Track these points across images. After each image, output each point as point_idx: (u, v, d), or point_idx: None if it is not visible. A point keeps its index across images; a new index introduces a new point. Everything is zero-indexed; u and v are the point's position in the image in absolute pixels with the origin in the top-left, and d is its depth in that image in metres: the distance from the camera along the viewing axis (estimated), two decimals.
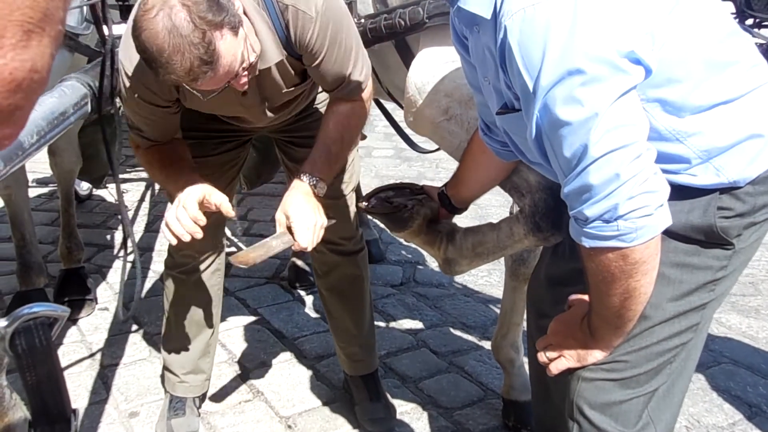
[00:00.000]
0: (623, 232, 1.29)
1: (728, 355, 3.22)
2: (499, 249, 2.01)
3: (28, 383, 1.06)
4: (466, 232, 2.03)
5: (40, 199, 5.12)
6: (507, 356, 2.79)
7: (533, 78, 1.28)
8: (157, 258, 4.22)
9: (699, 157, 1.38)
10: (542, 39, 1.25)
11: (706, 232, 1.44)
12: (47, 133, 1.49)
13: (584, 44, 1.23)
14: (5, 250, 3.82)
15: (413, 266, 4.15)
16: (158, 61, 1.73)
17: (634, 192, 1.26)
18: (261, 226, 4.74)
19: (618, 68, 1.24)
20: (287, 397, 2.97)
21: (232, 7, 1.80)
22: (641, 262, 1.33)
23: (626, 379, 1.53)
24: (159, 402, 2.88)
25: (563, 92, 1.25)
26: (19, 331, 1.04)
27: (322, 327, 3.48)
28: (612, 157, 1.25)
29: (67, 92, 1.72)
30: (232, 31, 1.77)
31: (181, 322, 2.70)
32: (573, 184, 1.31)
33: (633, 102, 1.27)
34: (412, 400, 2.94)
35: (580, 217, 1.33)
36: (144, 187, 5.39)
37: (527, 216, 1.89)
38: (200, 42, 1.70)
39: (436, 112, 2.17)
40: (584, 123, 1.25)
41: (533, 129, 1.34)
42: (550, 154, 1.36)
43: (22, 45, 0.55)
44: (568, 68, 1.24)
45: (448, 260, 2.05)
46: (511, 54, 1.30)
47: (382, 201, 2.03)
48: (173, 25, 1.68)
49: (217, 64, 1.76)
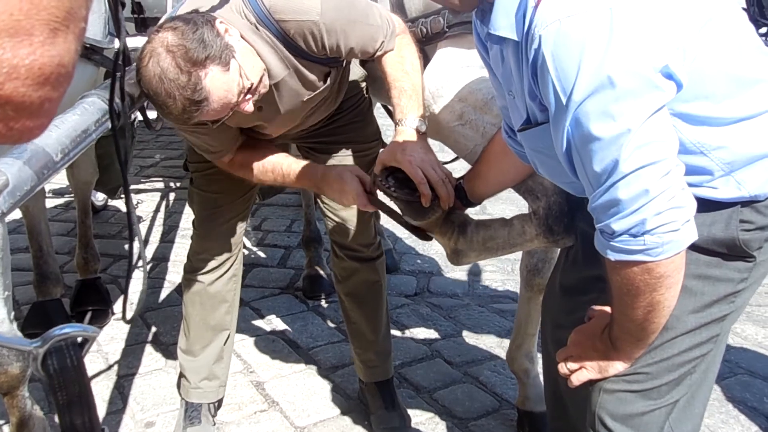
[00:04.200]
0: (650, 246, 1.29)
1: (744, 366, 3.20)
2: (508, 246, 2.02)
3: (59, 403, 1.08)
4: (477, 225, 2.04)
5: (57, 210, 5.16)
6: (522, 367, 2.79)
7: (566, 90, 1.27)
8: (173, 268, 4.25)
9: (722, 170, 1.39)
10: (578, 52, 1.25)
11: (728, 245, 1.45)
12: (71, 150, 1.51)
13: (620, 58, 1.23)
14: (22, 261, 3.85)
15: (427, 276, 4.16)
16: (156, 104, 1.85)
17: (662, 207, 1.27)
18: (275, 236, 4.77)
19: (653, 84, 1.24)
20: (302, 407, 2.98)
21: (220, 40, 1.84)
22: (666, 276, 1.33)
23: (648, 390, 1.54)
24: (175, 412, 2.90)
25: (596, 106, 1.25)
26: (50, 351, 1.06)
27: (336, 337, 3.50)
28: (642, 173, 1.26)
29: (89, 109, 1.75)
30: (221, 66, 1.82)
31: (196, 327, 2.74)
32: (602, 198, 1.32)
33: (664, 118, 1.28)
34: (427, 411, 2.94)
35: (607, 230, 1.34)
36: (159, 198, 5.42)
37: (540, 218, 1.91)
38: (187, 84, 1.78)
39: (451, 117, 2.17)
40: (616, 139, 1.25)
41: (563, 142, 1.34)
42: (578, 168, 1.36)
43: (50, 42, 0.59)
44: (603, 81, 1.23)
45: (456, 251, 2.05)
46: (544, 65, 1.29)
47: (401, 184, 1.99)
48: (161, 70, 1.78)
49: (208, 102, 1.82)
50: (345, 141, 2.48)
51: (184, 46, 1.78)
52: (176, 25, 1.83)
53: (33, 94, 0.60)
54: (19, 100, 0.59)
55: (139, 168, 6.05)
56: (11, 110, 0.59)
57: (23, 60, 0.58)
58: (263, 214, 5.09)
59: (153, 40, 1.82)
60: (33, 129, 0.63)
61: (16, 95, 0.59)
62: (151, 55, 1.80)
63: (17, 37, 0.57)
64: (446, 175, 1.98)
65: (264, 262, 4.39)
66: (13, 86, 0.58)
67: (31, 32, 0.58)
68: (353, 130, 2.52)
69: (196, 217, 2.66)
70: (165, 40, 1.80)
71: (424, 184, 1.94)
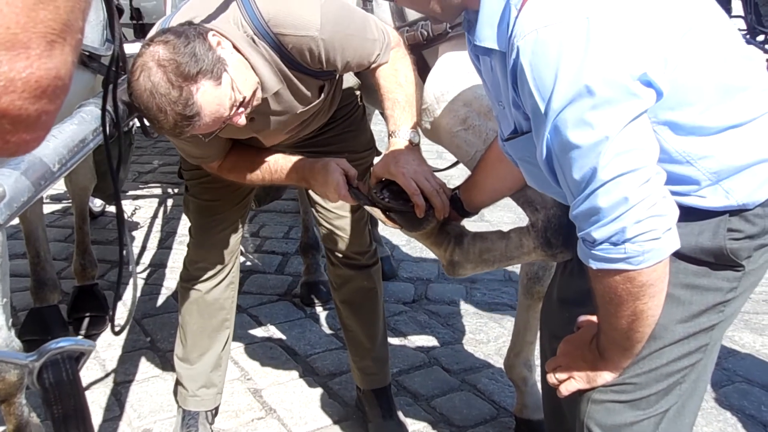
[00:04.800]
0: (630, 255, 1.30)
1: (742, 374, 3.20)
2: (506, 258, 2.01)
3: (55, 416, 1.07)
4: (474, 237, 2.04)
5: (54, 216, 5.15)
6: (520, 374, 2.78)
7: (545, 99, 1.28)
8: (170, 275, 4.24)
9: (709, 179, 1.39)
10: (555, 60, 1.26)
11: (716, 254, 1.45)
12: (68, 160, 1.51)
13: (597, 66, 1.24)
14: (19, 267, 3.84)
15: (425, 284, 4.16)
16: (148, 118, 1.86)
17: (642, 216, 1.27)
18: (273, 242, 4.76)
19: (630, 92, 1.24)
20: (300, 414, 2.98)
21: (212, 54, 1.83)
22: (648, 285, 1.33)
23: (636, 401, 1.54)
24: (172, 419, 2.89)
25: (574, 114, 1.26)
26: (46, 365, 1.06)
27: (334, 344, 3.49)
28: (621, 181, 1.26)
29: (87, 118, 1.74)
30: (213, 80, 1.82)
31: (193, 335, 2.73)
32: (582, 206, 1.32)
33: (644, 126, 1.28)
34: (425, 419, 2.94)
35: (588, 238, 1.34)
36: (156, 204, 5.42)
37: (539, 231, 1.90)
38: (178, 99, 1.77)
39: (454, 122, 2.16)
40: (594, 146, 1.26)
41: (543, 150, 1.34)
42: (559, 176, 1.36)
43: (47, 54, 0.59)
44: (580, 90, 1.24)
45: (453, 263, 2.05)
46: (522, 75, 1.31)
47: (396, 196, 2.00)
48: (152, 84, 1.78)
49: (199, 117, 1.82)
50: (338, 150, 2.47)
51: (176, 61, 1.77)
52: (168, 39, 1.81)
53: (30, 107, 0.60)
54: (16, 113, 0.59)
55: (137, 174, 6.04)
56: (8, 124, 0.59)
57: (20, 73, 0.58)
58: (261, 221, 5.08)
59: (144, 54, 1.81)
60: (30, 142, 0.63)
61: (13, 108, 0.59)
62: (142, 69, 1.79)
63: (14, 50, 0.57)
64: (440, 185, 1.99)
65: (262, 269, 4.38)
66: (9, 99, 0.58)
67: (28, 45, 0.58)
68: (347, 140, 2.52)
69: (192, 225, 2.66)
70: (156, 54, 1.79)
71: (418, 195, 1.95)
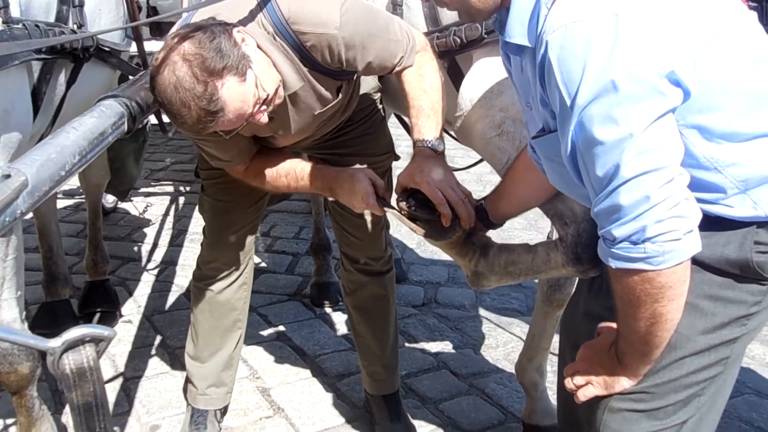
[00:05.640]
0: (650, 254, 1.29)
1: (752, 386, 3.18)
2: (531, 272, 1.97)
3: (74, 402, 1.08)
4: (500, 248, 2.01)
5: (66, 211, 5.18)
6: (531, 379, 2.78)
7: (571, 94, 1.29)
8: (181, 272, 4.26)
9: (736, 188, 1.38)
10: (582, 55, 1.26)
11: (742, 267, 1.43)
12: (88, 152, 1.52)
13: (624, 63, 1.24)
14: (32, 261, 3.86)
15: (435, 287, 4.16)
16: (170, 113, 1.82)
17: (663, 216, 1.26)
18: (283, 242, 4.78)
19: (656, 90, 1.24)
20: (308, 414, 2.98)
21: (237, 50, 1.81)
22: (667, 287, 1.33)
23: (654, 411, 1.52)
24: (180, 416, 2.90)
25: (600, 110, 1.26)
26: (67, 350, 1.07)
27: (343, 345, 3.50)
28: (643, 180, 1.26)
29: (106, 112, 1.75)
30: (237, 76, 1.80)
31: (205, 334, 2.73)
32: (603, 203, 1.32)
33: (669, 125, 1.28)
34: (432, 422, 2.93)
35: (609, 237, 1.34)
36: (168, 202, 5.44)
37: (568, 246, 1.85)
38: (203, 94, 1.75)
39: (489, 127, 2.14)
40: (618, 143, 1.26)
41: (568, 146, 1.35)
42: (583, 173, 1.36)
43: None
44: (606, 85, 1.24)
45: (477, 274, 2.03)
46: (550, 69, 1.31)
47: (421, 205, 1.98)
48: (177, 79, 1.75)
49: (223, 113, 1.80)
50: (357, 153, 2.46)
51: (201, 56, 1.75)
52: (193, 34, 1.79)
53: None
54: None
55: (150, 171, 6.07)
56: None
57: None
58: (272, 220, 5.09)
59: (169, 48, 1.79)
60: None
61: None
62: (167, 63, 1.77)
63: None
64: (466, 195, 1.97)
65: (272, 269, 4.39)
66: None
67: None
68: (365, 142, 2.51)
69: (206, 225, 2.65)
70: (181, 49, 1.77)
71: (444, 204, 1.93)
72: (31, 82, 2.11)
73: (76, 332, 1.07)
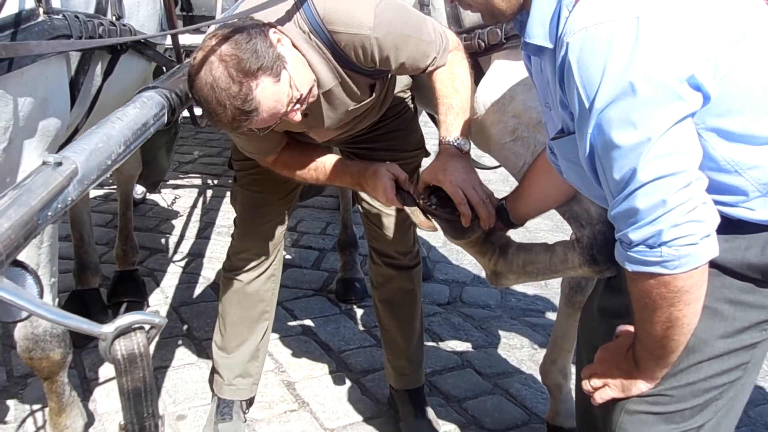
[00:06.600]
0: (666, 258, 1.29)
1: None
2: (549, 272, 1.99)
3: (123, 387, 1.11)
4: (519, 248, 2.02)
5: (96, 201, 5.23)
6: (555, 381, 2.78)
7: (590, 97, 1.29)
8: (208, 264, 4.29)
9: (758, 191, 1.37)
10: (602, 58, 1.26)
11: (763, 271, 1.42)
12: (132, 143, 1.55)
13: (644, 66, 1.24)
14: (63, 249, 3.89)
15: (460, 286, 4.16)
16: (207, 111, 1.86)
17: (680, 220, 1.26)
18: (310, 237, 4.80)
19: (676, 94, 1.24)
20: (332, 409, 3.00)
21: (272, 51, 1.84)
22: (684, 291, 1.32)
23: (671, 414, 1.51)
24: (206, 406, 2.93)
25: (618, 113, 1.26)
26: (119, 336, 1.09)
27: (368, 341, 3.51)
28: (660, 184, 1.26)
29: (148, 102, 1.78)
30: (272, 77, 1.83)
31: (233, 325, 2.76)
32: (620, 206, 1.32)
33: (687, 129, 1.27)
34: (456, 420, 2.94)
35: (625, 240, 1.34)
36: (196, 194, 5.48)
37: (584, 247, 1.87)
38: (238, 94, 1.78)
39: (503, 132, 2.15)
40: (636, 147, 1.26)
41: (586, 148, 1.35)
42: (600, 175, 1.37)
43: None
44: (624, 88, 1.24)
45: (496, 273, 2.05)
46: (570, 71, 1.31)
47: (443, 202, 2.00)
48: (213, 79, 1.79)
49: (257, 112, 1.83)
50: (388, 148, 2.48)
51: (237, 56, 1.79)
52: (230, 34, 1.83)
53: None
54: None
55: (178, 164, 6.11)
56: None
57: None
58: (299, 216, 5.11)
59: (206, 48, 1.83)
60: None
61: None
62: (204, 62, 1.81)
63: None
64: (487, 195, 1.98)
65: (298, 263, 4.41)
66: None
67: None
68: (396, 138, 2.53)
69: (238, 215, 2.68)
70: (218, 49, 1.80)
71: (464, 204, 1.95)
72: (70, 72, 2.14)
73: (128, 319, 1.09)
